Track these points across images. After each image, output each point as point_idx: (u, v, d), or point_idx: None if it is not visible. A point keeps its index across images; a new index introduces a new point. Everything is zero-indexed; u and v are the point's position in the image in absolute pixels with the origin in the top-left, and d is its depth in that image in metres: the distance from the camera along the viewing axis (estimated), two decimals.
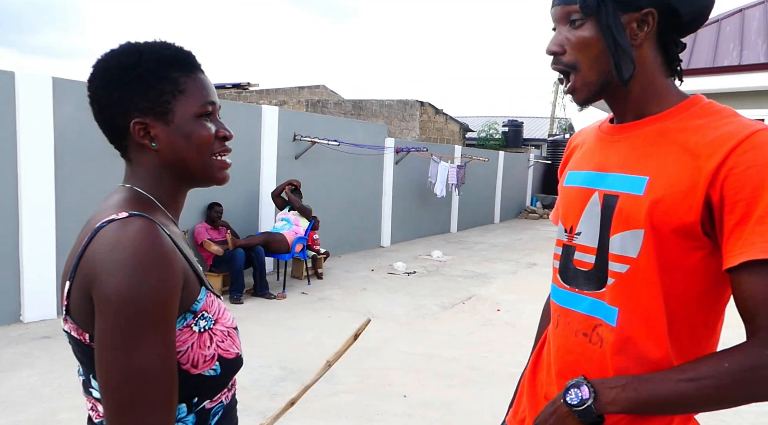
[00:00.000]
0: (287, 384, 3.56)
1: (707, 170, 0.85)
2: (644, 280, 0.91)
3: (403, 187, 10.03)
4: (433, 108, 15.85)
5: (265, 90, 14.45)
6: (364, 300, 5.85)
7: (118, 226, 0.77)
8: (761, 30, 7.60)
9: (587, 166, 1.03)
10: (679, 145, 0.89)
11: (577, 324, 0.99)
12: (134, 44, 0.88)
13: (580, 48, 0.91)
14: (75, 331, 0.80)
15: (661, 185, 0.88)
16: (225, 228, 6.07)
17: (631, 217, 0.91)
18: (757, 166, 0.82)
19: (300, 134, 7.40)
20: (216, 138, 0.90)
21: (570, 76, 0.95)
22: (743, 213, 0.83)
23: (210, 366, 0.84)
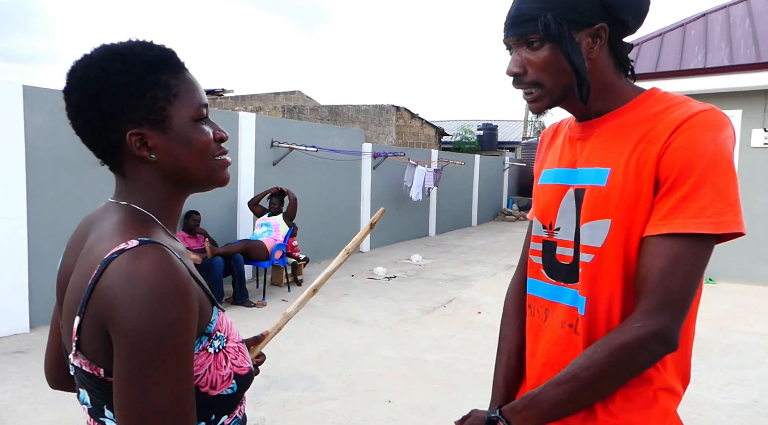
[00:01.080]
0: (271, 393, 3.53)
1: (655, 152, 0.91)
2: (607, 269, 0.95)
3: (381, 191, 10.04)
4: (409, 112, 15.93)
5: (241, 96, 14.34)
6: (345, 305, 5.83)
7: (130, 258, 0.72)
8: (724, 34, 7.83)
9: (559, 163, 1.08)
10: (637, 133, 0.95)
11: (563, 316, 1.03)
12: (112, 48, 0.81)
13: (542, 68, 0.97)
14: (88, 366, 0.77)
15: (620, 174, 0.93)
16: (203, 236, 6.00)
17: (596, 208, 0.96)
18: (688, 146, 0.88)
19: (277, 140, 7.36)
20: (215, 141, 0.87)
21: (534, 92, 1.00)
22: (668, 190, 0.89)
23: (227, 385, 0.83)
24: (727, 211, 0.87)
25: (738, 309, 5.84)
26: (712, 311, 5.71)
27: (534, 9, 0.94)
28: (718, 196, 0.87)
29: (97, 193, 5.03)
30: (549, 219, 1.07)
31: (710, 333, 4.90)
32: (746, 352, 4.41)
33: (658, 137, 0.91)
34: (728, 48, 7.42)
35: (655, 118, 0.94)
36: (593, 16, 0.94)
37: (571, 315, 1.01)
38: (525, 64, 0.99)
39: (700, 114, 0.90)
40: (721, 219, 0.86)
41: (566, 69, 0.96)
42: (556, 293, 1.05)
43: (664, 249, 0.88)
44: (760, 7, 8.27)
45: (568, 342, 1.01)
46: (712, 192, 0.86)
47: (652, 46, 8.12)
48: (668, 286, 0.87)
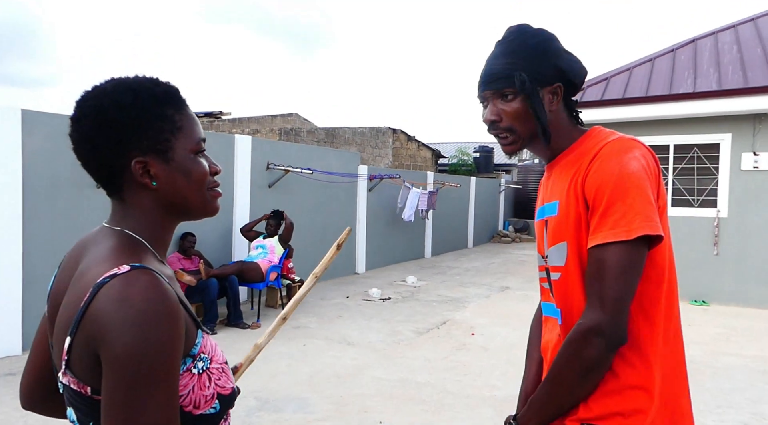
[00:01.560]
0: (263, 414, 3.53)
1: (581, 180, 1.12)
2: (571, 283, 1.14)
3: (377, 213, 10.10)
4: (406, 135, 16.09)
5: (238, 119, 14.49)
6: (339, 327, 5.84)
7: (122, 283, 0.76)
8: (713, 59, 7.99)
9: (539, 202, 1.32)
10: (573, 168, 1.16)
11: (554, 327, 1.23)
12: (124, 81, 0.87)
13: (515, 117, 1.18)
14: (75, 385, 0.80)
15: (564, 203, 1.15)
16: (198, 258, 6.03)
17: (555, 234, 1.17)
18: (599, 171, 1.09)
19: (273, 163, 7.44)
20: (210, 174, 0.93)
21: (508, 137, 1.21)
22: (592, 210, 1.09)
23: (211, 405, 0.86)
24: (635, 219, 1.03)
25: (731, 332, 5.86)
26: (705, 334, 5.73)
27: (508, 69, 1.16)
28: (628, 208, 1.04)
29: (92, 216, 5.08)
30: (541, 251, 1.28)
31: (703, 357, 4.92)
32: (738, 375, 4.43)
33: (583, 168, 1.12)
34: (717, 73, 7.57)
35: (586, 153, 1.15)
36: (552, 77, 1.18)
37: (556, 326, 1.21)
38: (501, 114, 1.19)
39: (609, 143, 1.11)
40: (632, 227, 1.03)
41: (532, 117, 1.18)
42: (548, 309, 1.27)
43: (593, 259, 1.07)
44: (747, 33, 8.46)
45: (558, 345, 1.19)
46: (623, 206, 1.04)
47: (643, 71, 8.28)
48: (599, 287, 1.04)
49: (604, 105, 7.72)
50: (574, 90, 1.23)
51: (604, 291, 1.03)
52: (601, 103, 7.73)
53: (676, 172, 7.65)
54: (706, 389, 4.09)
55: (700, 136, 7.51)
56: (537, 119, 1.17)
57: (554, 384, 1.10)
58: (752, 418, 3.57)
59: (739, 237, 7.21)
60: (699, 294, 7.41)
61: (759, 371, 4.53)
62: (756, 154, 7.12)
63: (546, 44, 1.19)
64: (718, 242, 7.31)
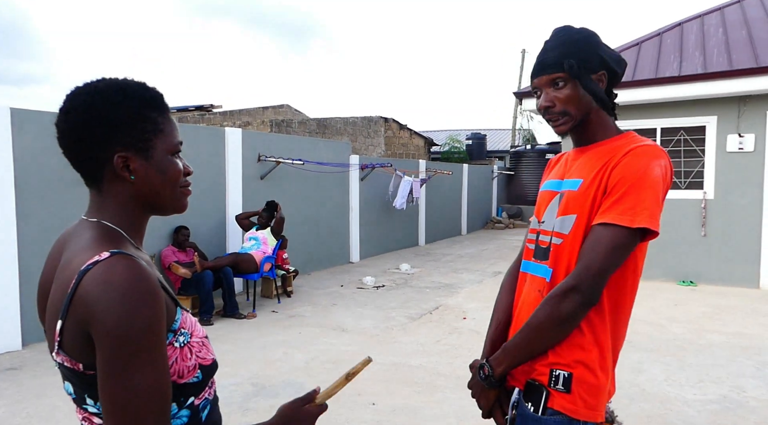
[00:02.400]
0: (259, 400, 3.64)
1: (609, 170, 1.27)
2: (568, 249, 1.30)
3: (369, 202, 10.18)
4: (398, 123, 16.11)
5: (229, 111, 14.48)
6: (334, 315, 5.95)
7: (104, 268, 0.85)
8: (698, 43, 8.07)
9: (554, 176, 1.47)
10: (606, 158, 1.30)
11: (536, 285, 1.38)
12: (115, 82, 0.95)
13: (567, 101, 1.33)
14: (68, 362, 0.89)
15: (587, 184, 1.30)
16: (192, 251, 6.10)
17: (568, 206, 1.32)
18: (626, 166, 1.25)
19: (264, 155, 7.50)
20: (184, 174, 1.02)
21: (560, 119, 1.36)
22: (609, 194, 1.25)
23: (194, 374, 0.96)
24: (642, 213, 1.20)
25: (715, 311, 6.00)
26: (691, 313, 5.87)
27: (558, 57, 1.32)
28: (638, 202, 1.20)
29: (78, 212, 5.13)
30: (540, 216, 1.44)
31: (687, 334, 5.05)
32: (719, 352, 4.56)
33: (614, 159, 1.27)
34: (702, 56, 7.65)
35: (619, 148, 1.30)
36: (597, 65, 1.33)
37: (540, 284, 1.36)
38: (554, 100, 1.34)
39: (641, 146, 1.27)
40: (635, 218, 1.20)
41: (582, 101, 1.32)
42: (534, 268, 1.41)
43: (594, 233, 1.24)
44: (732, 16, 8.53)
45: (537, 303, 1.33)
46: (635, 199, 1.21)
47: (630, 55, 8.34)
48: (590, 257, 1.22)
49: None
50: (615, 80, 1.37)
51: (592, 260, 1.21)
52: None
53: None
54: (688, 365, 4.22)
55: (687, 119, 7.61)
56: (594, 96, 1.32)
57: (532, 330, 1.26)
58: (732, 391, 3.70)
59: (725, 218, 7.34)
60: (687, 275, 7.54)
61: (740, 347, 4.67)
62: (741, 136, 7.23)
63: (590, 37, 1.34)
64: (705, 223, 7.44)
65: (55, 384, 3.90)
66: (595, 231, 1.23)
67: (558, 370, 1.26)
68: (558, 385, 1.25)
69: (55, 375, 4.10)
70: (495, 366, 1.33)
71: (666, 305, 6.26)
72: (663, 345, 4.72)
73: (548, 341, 1.26)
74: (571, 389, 1.25)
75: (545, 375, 1.28)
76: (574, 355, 1.25)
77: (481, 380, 1.37)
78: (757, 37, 7.58)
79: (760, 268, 7.20)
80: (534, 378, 1.30)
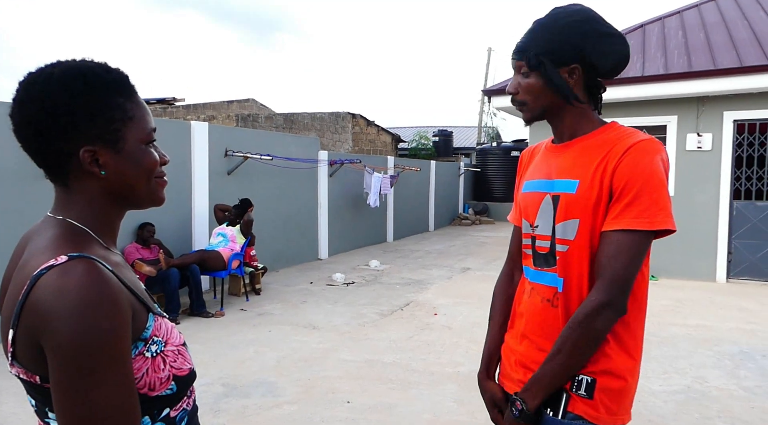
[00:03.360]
0: (230, 400, 3.56)
1: (611, 169, 1.21)
2: (577, 256, 1.24)
3: (338, 199, 10.12)
4: (365, 120, 16.07)
5: (193, 105, 14.15)
6: (304, 312, 5.88)
7: (59, 273, 0.76)
8: (660, 44, 8.31)
9: (538, 175, 1.38)
10: (599, 154, 1.24)
11: (543, 294, 1.32)
12: (74, 67, 0.84)
13: (528, 91, 1.29)
14: (24, 374, 0.81)
15: (586, 185, 1.23)
16: (157, 248, 5.94)
17: (569, 210, 1.25)
18: (632, 165, 1.19)
19: (231, 150, 7.35)
20: (160, 164, 0.93)
21: (522, 109, 1.33)
22: (618, 197, 1.20)
23: (167, 386, 0.88)
24: (658, 213, 1.17)
25: (677, 304, 6.20)
26: (653, 306, 6.04)
27: (525, 46, 1.28)
28: (653, 203, 1.17)
29: (39, 207, 4.88)
30: (531, 219, 1.36)
31: (651, 327, 5.20)
32: (681, 344, 4.72)
33: (612, 157, 1.21)
34: (663, 58, 7.88)
35: (611, 142, 1.24)
36: (569, 58, 1.25)
37: (548, 293, 1.30)
38: (518, 87, 1.30)
39: (641, 142, 1.21)
40: (654, 219, 1.16)
41: (545, 93, 1.27)
42: (537, 276, 1.35)
43: (613, 241, 1.18)
44: (691, 19, 8.82)
45: (546, 313, 1.30)
46: (648, 200, 1.17)
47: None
48: (614, 267, 1.17)
49: None
50: (596, 73, 1.27)
51: (618, 272, 1.16)
52: None
53: None
54: (653, 357, 4.34)
55: (649, 118, 7.83)
56: (557, 93, 1.26)
57: (568, 356, 1.19)
58: (695, 382, 3.83)
59: (686, 214, 7.59)
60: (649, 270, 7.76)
61: (701, 339, 4.84)
62: (699, 135, 7.48)
63: (575, 25, 1.24)
64: None
65: (10, 390, 3.73)
66: (613, 238, 1.17)
67: (582, 375, 1.22)
68: (581, 390, 1.22)
69: (11, 379, 3.92)
70: (529, 401, 1.24)
71: None
72: None
73: (585, 360, 1.21)
74: (594, 395, 1.21)
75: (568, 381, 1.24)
76: (599, 364, 1.22)
77: (516, 417, 1.26)
78: (714, 40, 7.86)
79: (716, 262, 7.48)
80: None
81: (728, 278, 7.45)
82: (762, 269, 7.33)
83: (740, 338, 4.86)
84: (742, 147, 7.44)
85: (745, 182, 7.49)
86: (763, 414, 3.31)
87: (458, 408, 3.43)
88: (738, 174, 7.49)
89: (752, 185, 7.45)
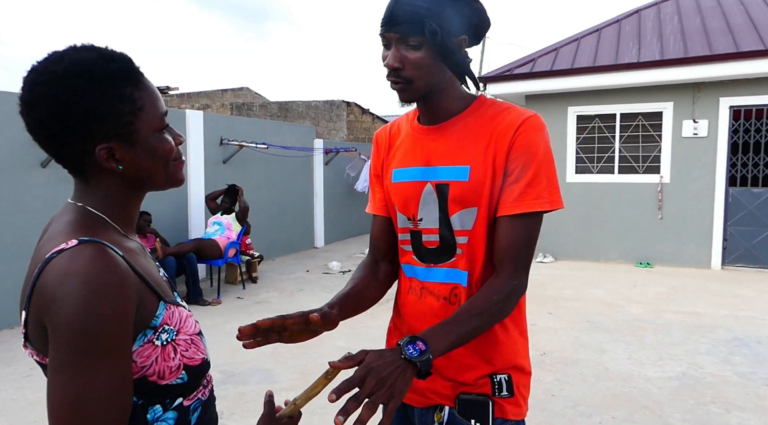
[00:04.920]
0: (228, 387, 3.57)
1: (503, 149, 1.12)
2: (478, 246, 1.16)
3: (334, 187, 10.10)
4: (360, 108, 15.99)
5: (187, 93, 14.04)
6: (300, 301, 5.89)
7: (67, 257, 0.77)
8: (655, 30, 8.26)
9: (412, 162, 1.22)
10: (484, 135, 1.15)
11: (438, 292, 1.21)
12: (75, 63, 0.81)
13: (417, 67, 1.10)
14: (36, 356, 0.82)
15: (479, 170, 1.13)
16: (153, 237, 5.92)
17: (464, 199, 1.15)
18: (527, 144, 1.12)
19: (227, 138, 7.31)
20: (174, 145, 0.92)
21: (405, 86, 1.13)
22: (515, 178, 1.12)
23: (176, 375, 0.87)
24: (554, 193, 1.13)
25: (671, 291, 6.23)
26: (648, 294, 6.08)
27: (416, 15, 1.06)
28: (549, 183, 1.12)
29: (36, 196, 4.89)
30: (412, 212, 1.23)
31: (645, 315, 5.23)
32: (676, 330, 4.74)
33: (501, 137, 1.13)
34: (659, 43, 7.84)
35: (493, 121, 1.15)
36: (459, 27, 1.11)
37: (445, 290, 1.20)
38: (404, 61, 1.10)
39: (529, 119, 1.13)
40: (552, 199, 1.12)
41: (434, 70, 1.11)
42: (428, 274, 1.23)
43: (516, 225, 1.11)
44: (687, 4, 8.77)
45: (444, 312, 1.18)
46: (545, 180, 1.12)
47: (590, 41, 8.48)
48: (520, 251, 1.12)
49: (553, 75, 7.89)
50: (475, 41, 1.18)
51: (524, 255, 1.12)
52: (551, 74, 7.90)
53: (622, 139, 7.95)
54: (648, 344, 4.37)
55: (645, 105, 7.80)
56: (454, 68, 1.13)
57: (489, 319, 1.08)
58: (690, 368, 3.86)
59: (681, 201, 7.60)
60: (644, 257, 7.81)
61: (695, 326, 4.87)
62: (695, 122, 7.47)
63: None
64: (661, 206, 7.69)
65: (9, 377, 3.72)
66: (516, 223, 1.11)
67: (498, 375, 1.17)
68: (503, 392, 1.16)
69: (9, 366, 3.92)
70: (433, 344, 0.97)
71: (624, 286, 6.46)
72: (623, 325, 4.87)
73: (479, 335, 1.09)
74: (514, 390, 1.17)
75: (486, 385, 1.17)
76: (507, 356, 1.18)
77: (410, 359, 0.93)
78: (710, 26, 7.82)
79: (711, 249, 7.51)
80: (470, 392, 1.17)
81: (723, 265, 7.49)
82: (757, 256, 7.37)
83: (734, 325, 4.89)
84: (738, 133, 7.44)
85: (740, 168, 7.50)
86: (758, 399, 3.34)
87: None
88: (734, 160, 7.50)
89: (748, 172, 7.46)
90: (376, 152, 1.37)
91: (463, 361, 1.19)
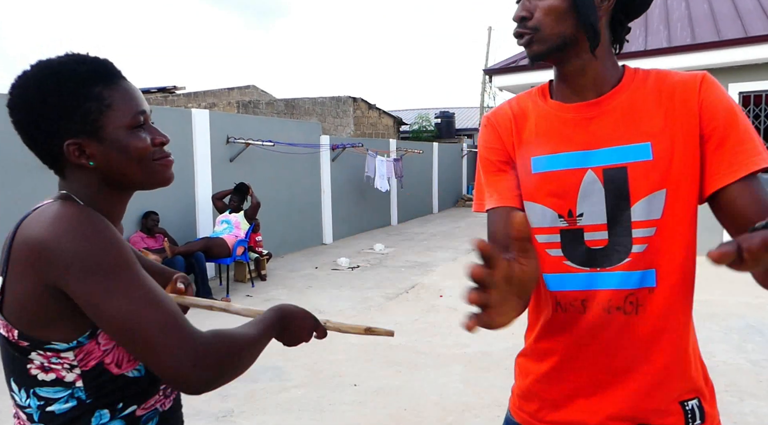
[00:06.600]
0: (239, 385, 3.58)
1: (692, 113, 0.95)
2: (668, 236, 0.97)
3: (341, 183, 10.10)
4: (366, 103, 15.96)
5: (193, 93, 14.08)
6: (309, 297, 5.90)
7: (50, 206, 0.81)
8: (662, 17, 8.17)
9: (562, 147, 1.02)
10: (658, 105, 0.97)
11: (609, 301, 1.00)
12: (48, 65, 0.86)
13: (547, 13, 0.96)
14: (4, 328, 0.82)
15: (663, 145, 0.95)
16: (162, 236, 5.95)
17: (649, 182, 0.96)
18: (719, 101, 0.95)
19: (233, 136, 7.32)
20: (154, 146, 0.91)
21: (532, 36, 0.99)
22: (721, 141, 0.94)
23: (134, 366, 0.86)
24: (765, 149, 0.94)
25: None
26: None
27: None
28: (756, 136, 0.95)
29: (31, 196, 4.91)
30: (568, 207, 1.01)
31: None
32: None
33: (685, 101, 0.96)
34: (666, 30, 7.75)
35: (662, 88, 0.98)
36: None
37: (617, 299, 0.99)
38: (532, 9, 0.98)
39: (706, 75, 0.97)
40: (765, 155, 0.93)
41: (567, 18, 0.96)
42: (592, 281, 1.01)
43: (754, 187, 0.91)
44: None
45: (620, 324, 1.00)
46: (752, 134, 0.94)
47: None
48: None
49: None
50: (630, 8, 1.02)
51: None
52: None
53: None
54: None
55: None
56: (583, 21, 0.96)
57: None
58: (703, 356, 3.81)
59: None
60: None
61: (707, 314, 4.82)
62: None
63: None
64: None
65: None
66: (751, 185, 0.91)
67: (688, 401, 1.00)
68: (696, 421, 1.00)
69: None
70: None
71: None
72: None
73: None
74: (705, 415, 1.00)
75: (676, 413, 1.00)
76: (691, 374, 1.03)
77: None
78: (719, 11, 7.71)
79: (723, 235, 7.43)
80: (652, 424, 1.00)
81: None
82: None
83: (747, 312, 4.84)
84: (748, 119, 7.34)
85: None
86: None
87: (465, 389, 3.44)
88: None
89: None
90: (496, 137, 1.12)
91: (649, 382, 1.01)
